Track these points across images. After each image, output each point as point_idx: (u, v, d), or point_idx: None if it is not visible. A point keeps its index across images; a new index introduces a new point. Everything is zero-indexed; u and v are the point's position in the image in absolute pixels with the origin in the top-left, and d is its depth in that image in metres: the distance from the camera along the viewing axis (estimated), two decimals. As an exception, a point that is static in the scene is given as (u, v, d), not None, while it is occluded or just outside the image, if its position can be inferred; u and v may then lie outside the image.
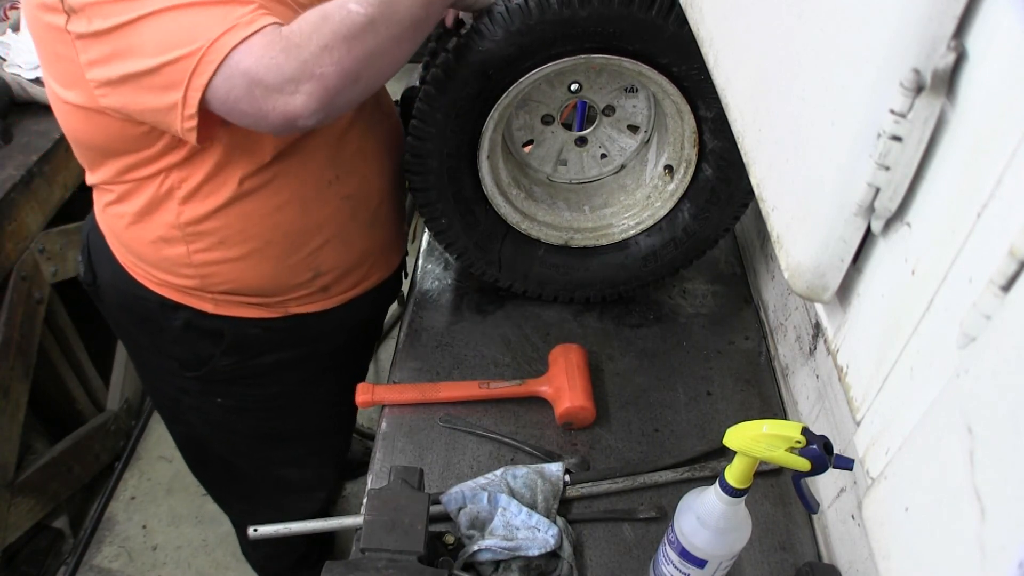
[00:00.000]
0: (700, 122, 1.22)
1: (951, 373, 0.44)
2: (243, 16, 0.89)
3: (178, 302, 1.23)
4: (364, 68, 0.93)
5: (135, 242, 1.19)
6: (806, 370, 1.20)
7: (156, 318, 1.26)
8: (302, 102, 0.90)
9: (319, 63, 0.89)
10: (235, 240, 1.15)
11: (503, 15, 1.06)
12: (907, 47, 0.47)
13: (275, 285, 1.23)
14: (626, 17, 1.06)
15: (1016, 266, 0.39)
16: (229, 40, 0.88)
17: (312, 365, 1.41)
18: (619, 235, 1.37)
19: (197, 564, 2.17)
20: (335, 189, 1.19)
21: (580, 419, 1.20)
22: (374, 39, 0.92)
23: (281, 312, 1.28)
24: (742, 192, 1.27)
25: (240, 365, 1.32)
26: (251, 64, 0.88)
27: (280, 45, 0.88)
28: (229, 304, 1.24)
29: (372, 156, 1.24)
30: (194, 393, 1.38)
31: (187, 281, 1.20)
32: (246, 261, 1.18)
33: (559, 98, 1.30)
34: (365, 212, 1.26)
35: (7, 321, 1.73)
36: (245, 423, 1.46)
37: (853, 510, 0.99)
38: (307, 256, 1.22)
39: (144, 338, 1.36)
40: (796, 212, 0.64)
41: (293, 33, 0.89)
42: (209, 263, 1.17)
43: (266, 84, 0.88)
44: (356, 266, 1.31)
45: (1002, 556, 0.38)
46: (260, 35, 0.88)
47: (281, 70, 0.88)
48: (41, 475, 1.94)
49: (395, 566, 0.88)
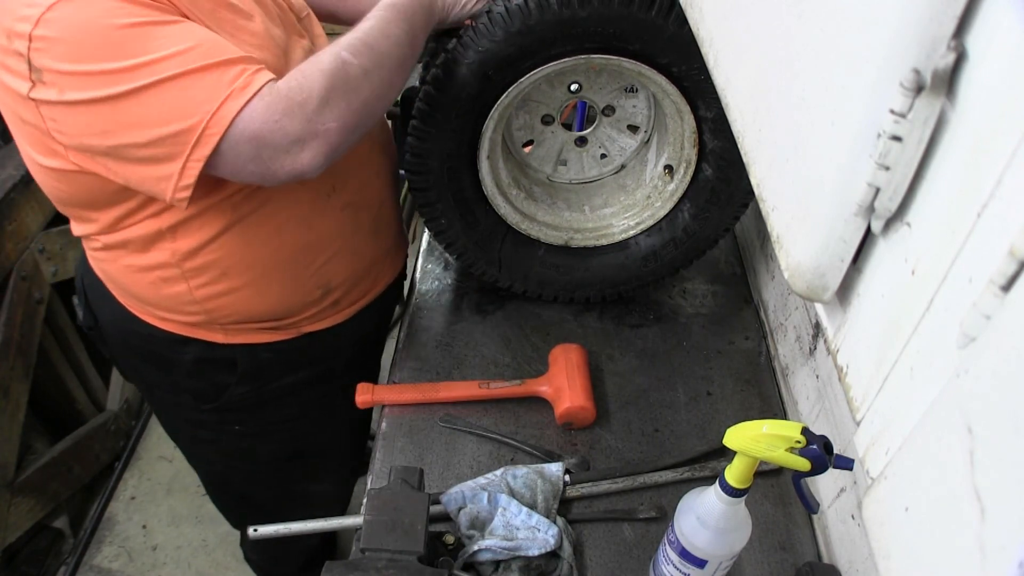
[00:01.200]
0: (700, 122, 1.22)
1: (951, 373, 0.44)
2: (237, 80, 0.87)
3: (187, 336, 1.19)
4: (363, 118, 0.96)
5: (133, 285, 1.15)
6: (806, 370, 1.20)
7: (165, 354, 1.23)
8: (309, 159, 0.90)
9: (322, 121, 0.89)
10: (237, 269, 1.11)
11: (503, 15, 1.06)
12: (907, 47, 0.47)
13: (285, 308, 1.20)
14: (626, 17, 1.06)
15: (1016, 266, 0.39)
16: (230, 109, 0.86)
17: (328, 381, 1.38)
18: (619, 235, 1.37)
19: (197, 564, 2.16)
20: (334, 200, 1.16)
21: (580, 419, 1.20)
22: (369, 88, 0.95)
23: (294, 333, 1.25)
24: (742, 192, 1.27)
25: (257, 391, 1.29)
26: (256, 129, 0.87)
27: (282, 106, 0.87)
28: (240, 332, 1.21)
29: (366, 159, 1.22)
30: (211, 425, 1.35)
31: (193, 317, 1.16)
32: (252, 288, 1.14)
33: (559, 98, 1.30)
34: (368, 218, 1.24)
35: (7, 321, 1.73)
36: (265, 447, 1.42)
37: (853, 510, 0.99)
38: (315, 273, 1.18)
39: (155, 376, 1.31)
40: (796, 212, 0.64)
41: (293, 91, 0.89)
42: (213, 297, 1.13)
43: (273, 146, 0.89)
44: (364, 275, 1.29)
45: (1002, 556, 0.38)
46: (259, 98, 0.87)
47: (286, 132, 0.88)
48: (41, 475, 1.94)
49: (395, 566, 0.88)
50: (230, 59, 0.88)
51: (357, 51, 0.94)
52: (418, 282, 1.48)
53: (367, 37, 0.97)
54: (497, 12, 1.06)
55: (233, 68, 0.88)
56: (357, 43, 0.95)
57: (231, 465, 1.48)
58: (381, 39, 0.98)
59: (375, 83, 0.96)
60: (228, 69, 0.87)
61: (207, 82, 0.86)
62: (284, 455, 1.47)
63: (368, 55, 0.95)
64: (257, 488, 1.54)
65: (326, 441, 1.51)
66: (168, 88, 0.86)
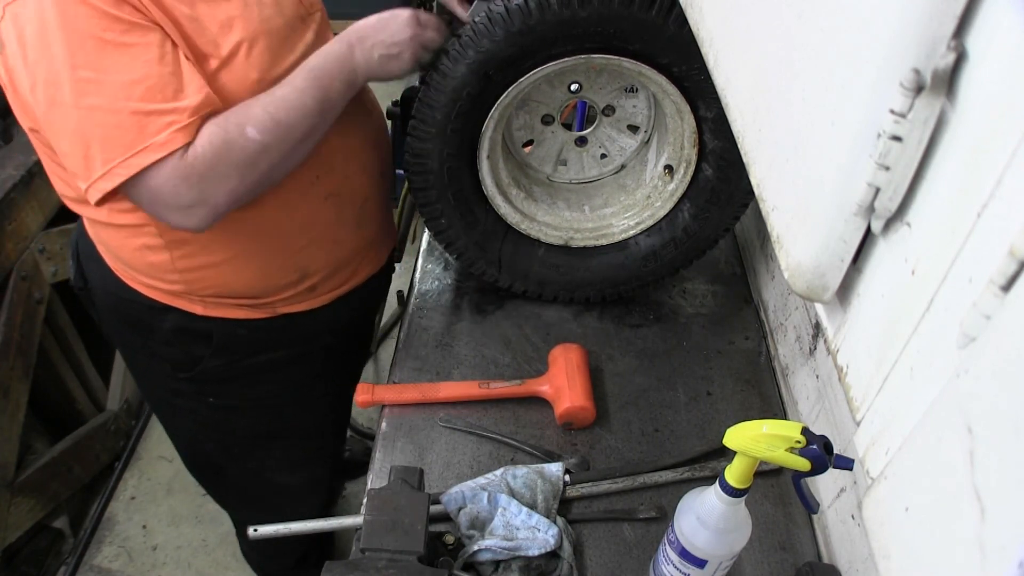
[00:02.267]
0: (700, 122, 1.22)
1: (951, 373, 0.44)
2: (158, 135, 0.94)
3: (167, 304, 1.24)
4: (255, 188, 1.04)
5: (121, 249, 1.19)
6: (806, 370, 1.20)
7: (146, 320, 1.27)
8: (195, 222, 1.01)
9: (213, 194, 0.99)
10: (217, 244, 1.15)
11: (503, 15, 1.06)
12: (907, 47, 0.47)
13: (262, 287, 1.23)
14: (626, 17, 1.06)
15: (1016, 266, 0.39)
16: (140, 161, 0.94)
17: (304, 365, 1.40)
18: (619, 235, 1.37)
19: (197, 564, 2.17)
20: (317, 188, 1.18)
21: (580, 419, 1.20)
22: (267, 162, 1.02)
23: (270, 313, 1.28)
24: (742, 192, 1.27)
25: (231, 365, 1.32)
26: (155, 185, 0.96)
27: (183, 173, 0.96)
28: (218, 306, 1.24)
29: (354, 153, 1.23)
30: (187, 394, 1.38)
31: (174, 286, 1.20)
32: (230, 265, 1.18)
33: (559, 98, 1.30)
34: (351, 210, 1.26)
35: (7, 321, 1.73)
36: (238, 423, 1.45)
37: (853, 510, 0.99)
38: (292, 257, 1.22)
39: (136, 340, 1.36)
40: (796, 212, 0.64)
41: (197, 160, 0.96)
42: (193, 268, 1.17)
43: (166, 204, 0.99)
44: (344, 265, 1.31)
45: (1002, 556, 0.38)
46: (168, 160, 0.95)
47: (180, 196, 0.97)
48: (41, 475, 1.94)
49: (395, 566, 0.88)
50: (161, 110, 0.94)
51: (264, 127, 1.00)
52: (418, 282, 1.48)
53: (277, 111, 1.02)
54: (497, 12, 1.06)
55: (161, 119, 0.94)
56: (266, 118, 1.01)
57: (207, 436, 1.50)
58: (291, 112, 1.03)
59: (274, 158, 1.03)
60: (157, 119, 0.94)
61: (132, 127, 0.94)
62: (258, 434, 1.49)
63: (274, 132, 1.01)
64: (231, 464, 1.57)
65: (300, 428, 1.53)
66: (97, 116, 0.94)
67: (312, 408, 1.52)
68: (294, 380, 1.42)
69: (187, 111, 0.95)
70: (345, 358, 1.56)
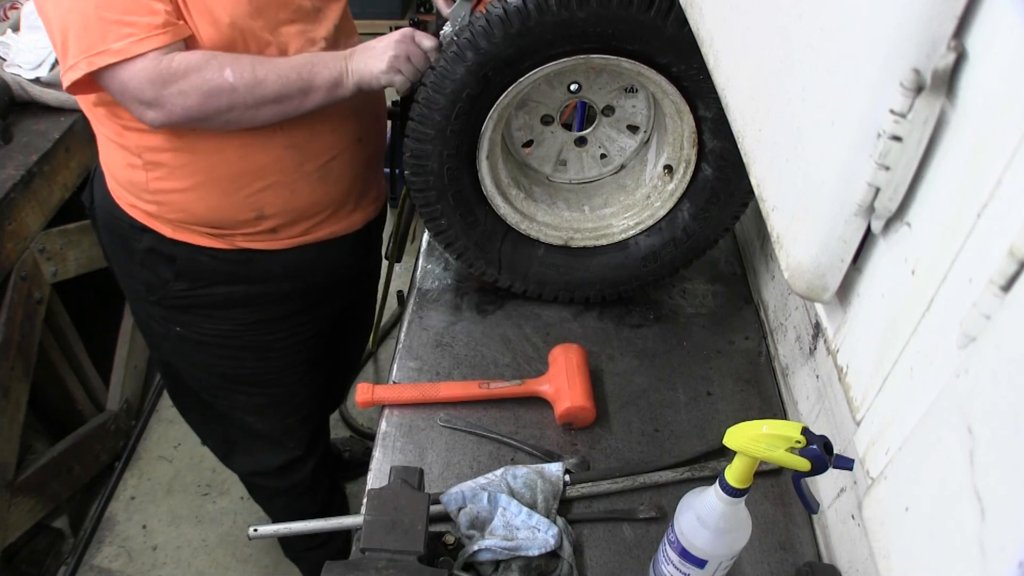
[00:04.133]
0: (699, 122, 1.22)
1: (951, 373, 0.44)
2: (118, 43, 1.08)
3: (144, 224, 1.35)
4: (212, 117, 1.16)
5: (112, 164, 1.33)
6: (806, 370, 1.20)
7: (128, 239, 1.39)
8: (149, 118, 1.15)
9: (170, 101, 1.12)
10: (183, 172, 1.26)
11: (502, 17, 1.06)
12: (907, 47, 0.47)
13: (220, 218, 1.32)
14: (624, 18, 1.06)
15: (1016, 266, 0.39)
16: (98, 61, 1.08)
17: (263, 307, 1.47)
18: (619, 235, 1.37)
19: (197, 564, 2.17)
20: (278, 138, 1.26)
21: (580, 419, 1.20)
22: (228, 101, 1.14)
23: (229, 244, 1.36)
24: (742, 192, 1.27)
25: (191, 292, 1.41)
26: (126, 78, 1.11)
27: (151, 73, 1.10)
28: (183, 230, 1.34)
29: (323, 115, 1.28)
30: (158, 319, 1.48)
31: (148, 206, 1.32)
32: (193, 193, 1.28)
33: (559, 98, 1.30)
34: (313, 164, 1.32)
35: (7, 321, 1.73)
36: (203, 358, 1.54)
37: (853, 510, 0.99)
38: (249, 196, 1.30)
39: (122, 258, 1.46)
40: (796, 212, 0.64)
41: (169, 68, 1.10)
42: (163, 191, 1.29)
43: (130, 95, 1.12)
44: (305, 215, 1.38)
45: (1002, 556, 0.38)
46: (142, 58, 1.09)
47: (142, 93, 1.11)
48: (41, 475, 1.94)
49: (395, 566, 0.88)
50: (123, 21, 1.07)
51: (241, 73, 1.13)
52: (418, 282, 1.48)
53: (259, 69, 1.14)
54: (496, 14, 1.06)
55: (122, 29, 1.08)
56: (246, 68, 1.13)
57: (179, 366, 1.61)
58: (272, 75, 1.15)
59: (237, 100, 1.14)
60: (117, 28, 1.07)
61: (96, 31, 1.08)
62: (222, 374, 1.57)
63: (247, 81, 1.13)
64: (203, 398, 1.65)
65: (265, 374, 1.59)
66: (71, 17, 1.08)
67: (273, 356, 1.57)
68: (254, 321, 1.49)
69: (148, 27, 1.08)
70: (310, 312, 1.56)
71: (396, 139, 1.44)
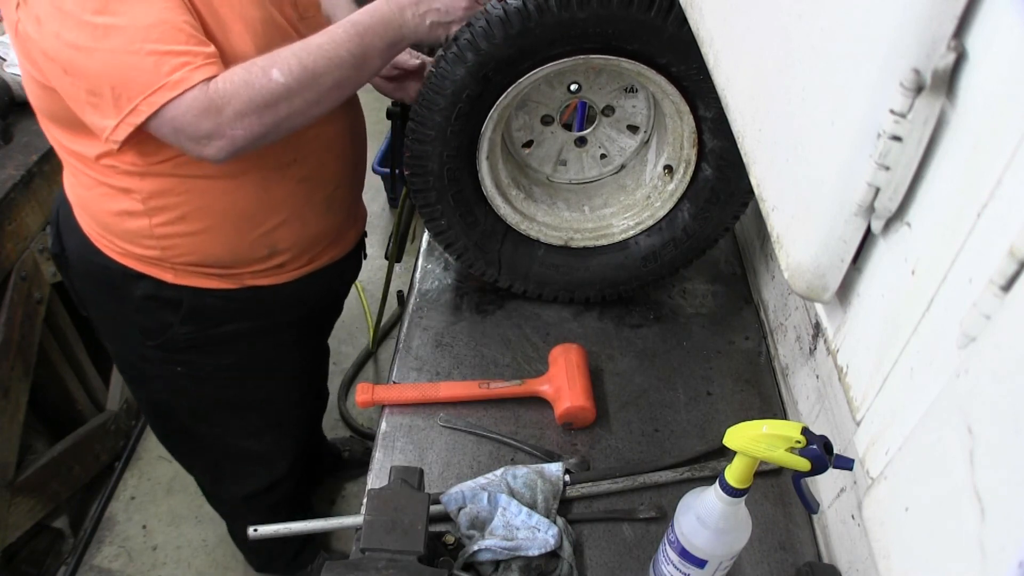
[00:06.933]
0: (699, 122, 1.22)
1: (951, 373, 0.44)
2: (175, 72, 0.99)
3: (140, 272, 1.28)
4: (274, 131, 1.06)
5: (100, 213, 1.24)
6: (806, 370, 1.20)
7: (119, 287, 1.31)
8: (212, 153, 1.04)
9: (231, 127, 1.02)
10: (195, 215, 1.20)
11: (502, 18, 1.06)
12: (907, 47, 0.47)
13: (232, 258, 1.28)
14: (625, 18, 1.06)
15: (1016, 266, 0.39)
16: (161, 97, 0.99)
17: (269, 336, 1.46)
18: (619, 235, 1.37)
19: (197, 564, 2.16)
20: (292, 171, 1.24)
21: (580, 419, 1.20)
22: (288, 108, 1.04)
23: (238, 284, 1.33)
24: (742, 192, 1.27)
25: (198, 334, 1.37)
26: (175, 118, 1.01)
27: (202, 106, 1.00)
28: (188, 274, 1.29)
29: (330, 142, 1.28)
30: (156, 361, 1.43)
31: (149, 252, 1.25)
32: (205, 235, 1.23)
33: (559, 98, 1.30)
34: (321, 195, 1.31)
35: (7, 321, 1.73)
36: (205, 391, 1.50)
37: (853, 510, 0.99)
38: (264, 234, 1.27)
39: (108, 307, 1.40)
40: (796, 212, 0.64)
41: (217, 94, 1.00)
42: (170, 236, 1.22)
43: (187, 134, 1.02)
44: (311, 246, 1.37)
45: (1002, 556, 0.38)
46: (188, 94, 0.99)
47: (199, 128, 1.01)
48: (41, 475, 1.94)
49: (395, 566, 0.88)
50: (176, 51, 1.00)
51: (290, 71, 1.02)
52: (418, 282, 1.48)
53: (307, 58, 1.04)
54: (496, 15, 1.06)
55: (176, 59, 0.99)
56: (294, 63, 1.03)
57: (174, 403, 1.55)
58: (322, 61, 1.04)
59: (297, 104, 1.04)
60: (171, 59, 0.99)
61: (149, 67, 0.99)
62: (224, 402, 1.54)
63: (300, 76, 1.03)
64: (197, 430, 1.61)
65: (266, 398, 1.58)
66: (119, 58, 0.99)
67: (278, 379, 1.57)
68: (259, 351, 1.47)
69: (200, 55, 1.01)
70: (309, 333, 1.60)
71: (396, 139, 1.43)
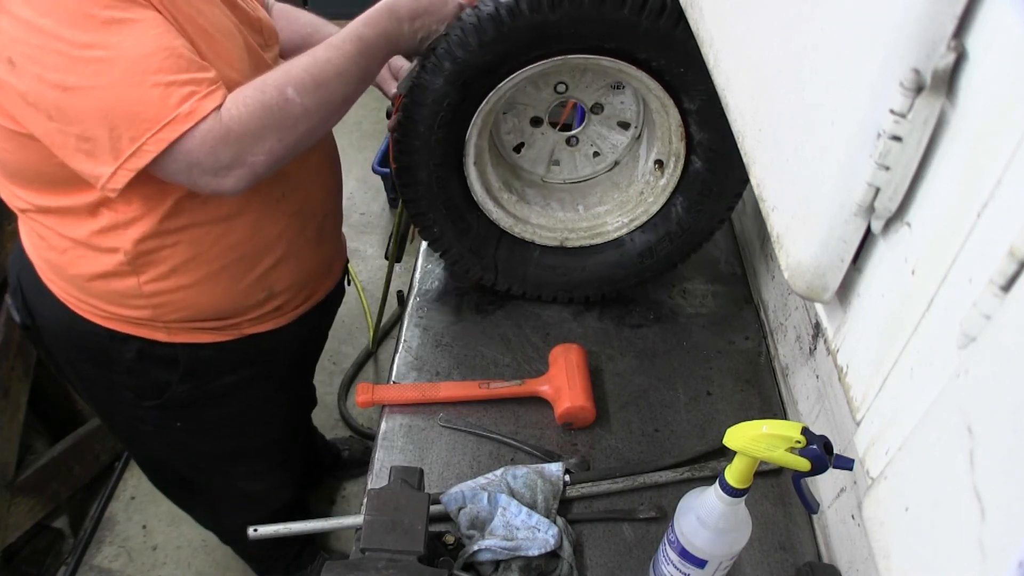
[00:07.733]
0: (685, 115, 1.21)
1: (951, 373, 0.44)
2: (184, 104, 0.90)
3: (128, 334, 1.19)
4: (294, 150, 1.00)
5: (78, 276, 1.13)
6: (806, 370, 1.20)
7: (106, 351, 1.22)
8: (231, 184, 0.96)
9: (252, 153, 0.95)
10: (187, 267, 1.12)
11: (475, 25, 1.05)
12: (907, 47, 0.47)
13: (229, 308, 1.22)
14: (598, 17, 1.05)
15: (1016, 266, 0.39)
16: (172, 132, 0.90)
17: (267, 381, 1.41)
18: (613, 233, 1.37)
19: (197, 564, 2.16)
20: (283, 206, 1.18)
21: (580, 419, 1.20)
22: (307, 127, 0.99)
23: (236, 334, 1.27)
24: (734, 183, 1.26)
25: (198, 389, 1.30)
26: (191, 151, 0.92)
27: (219, 134, 0.92)
28: (183, 331, 1.21)
29: (315, 171, 1.24)
30: (151, 420, 1.36)
31: (138, 312, 1.16)
32: (199, 287, 1.15)
33: (546, 99, 1.30)
34: (312, 227, 1.27)
35: (7, 321, 1.73)
36: (204, 443, 1.45)
37: (853, 510, 0.99)
38: (260, 277, 1.21)
39: (94, 373, 1.30)
40: (796, 212, 0.64)
41: (233, 120, 0.92)
42: (161, 292, 1.14)
43: (203, 167, 0.94)
44: (306, 282, 1.32)
45: (1002, 556, 0.38)
46: (203, 123, 0.91)
47: (218, 159, 0.93)
48: (41, 475, 1.94)
49: (395, 566, 0.88)
50: (181, 80, 0.90)
51: (304, 89, 0.97)
52: (418, 282, 1.48)
53: (320, 74, 0.99)
54: (469, 22, 1.06)
55: (183, 89, 0.90)
56: (308, 80, 0.97)
57: (173, 457, 1.52)
58: (334, 77, 1.00)
59: (314, 122, 0.99)
60: (178, 90, 0.90)
61: (154, 100, 0.89)
62: (225, 452, 1.50)
63: (314, 94, 0.98)
64: (197, 480, 1.59)
65: (266, 440, 1.56)
66: (118, 92, 0.88)
67: (275, 420, 1.54)
68: (258, 396, 1.42)
69: (205, 81, 0.92)
70: (301, 369, 1.59)
71: None
